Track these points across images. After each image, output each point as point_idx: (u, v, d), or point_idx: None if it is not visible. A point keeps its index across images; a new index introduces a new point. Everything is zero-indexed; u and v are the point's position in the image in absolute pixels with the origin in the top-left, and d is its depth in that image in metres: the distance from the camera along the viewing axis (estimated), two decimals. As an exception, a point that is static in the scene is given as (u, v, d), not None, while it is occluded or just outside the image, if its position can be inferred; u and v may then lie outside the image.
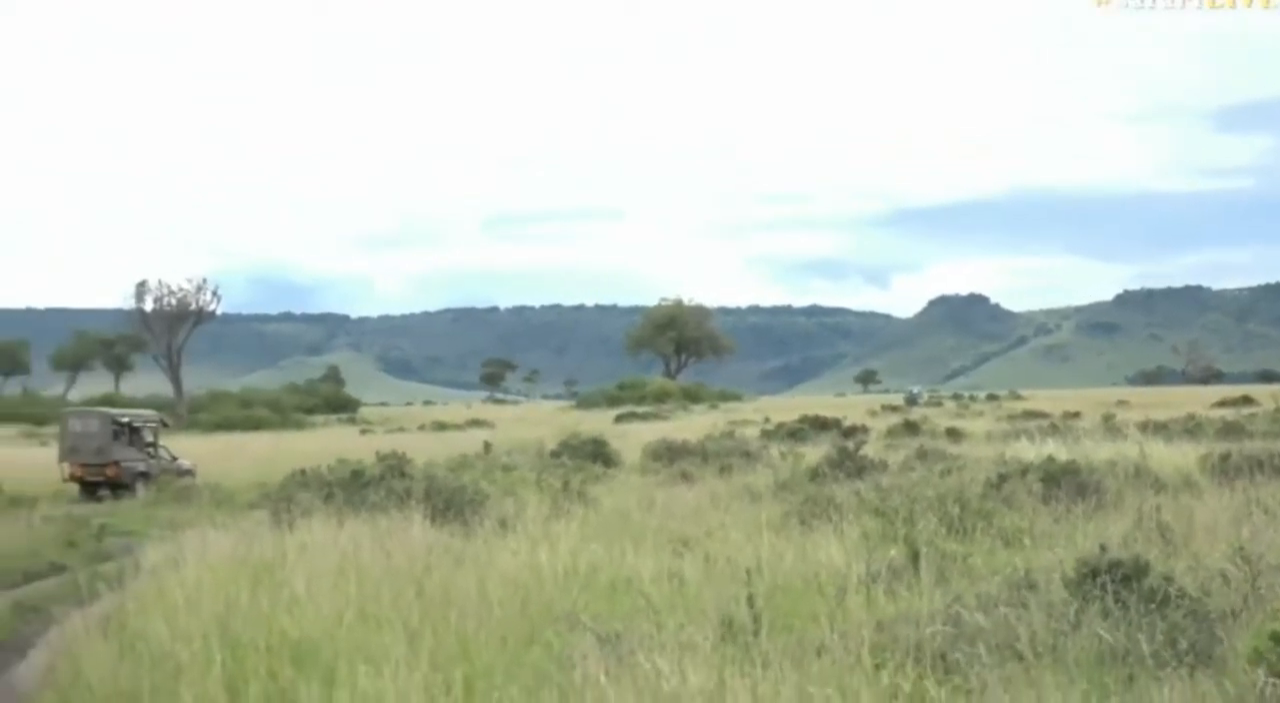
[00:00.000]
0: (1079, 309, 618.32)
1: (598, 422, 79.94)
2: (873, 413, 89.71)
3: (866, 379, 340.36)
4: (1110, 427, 50.08)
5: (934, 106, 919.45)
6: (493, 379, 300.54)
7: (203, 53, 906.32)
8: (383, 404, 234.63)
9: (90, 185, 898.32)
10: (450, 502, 22.15)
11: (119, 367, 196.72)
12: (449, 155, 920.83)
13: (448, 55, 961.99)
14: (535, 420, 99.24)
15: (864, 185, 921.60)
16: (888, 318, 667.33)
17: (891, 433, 54.75)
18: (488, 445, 48.85)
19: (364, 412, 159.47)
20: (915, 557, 14.13)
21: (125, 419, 45.65)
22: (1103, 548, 12.51)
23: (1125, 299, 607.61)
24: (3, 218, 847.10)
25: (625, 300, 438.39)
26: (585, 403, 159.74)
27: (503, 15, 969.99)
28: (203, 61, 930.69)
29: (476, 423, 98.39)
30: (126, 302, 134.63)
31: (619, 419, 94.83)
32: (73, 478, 42.15)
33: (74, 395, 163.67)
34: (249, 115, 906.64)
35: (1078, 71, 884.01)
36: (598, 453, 41.77)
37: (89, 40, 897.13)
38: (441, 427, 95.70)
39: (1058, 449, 29.55)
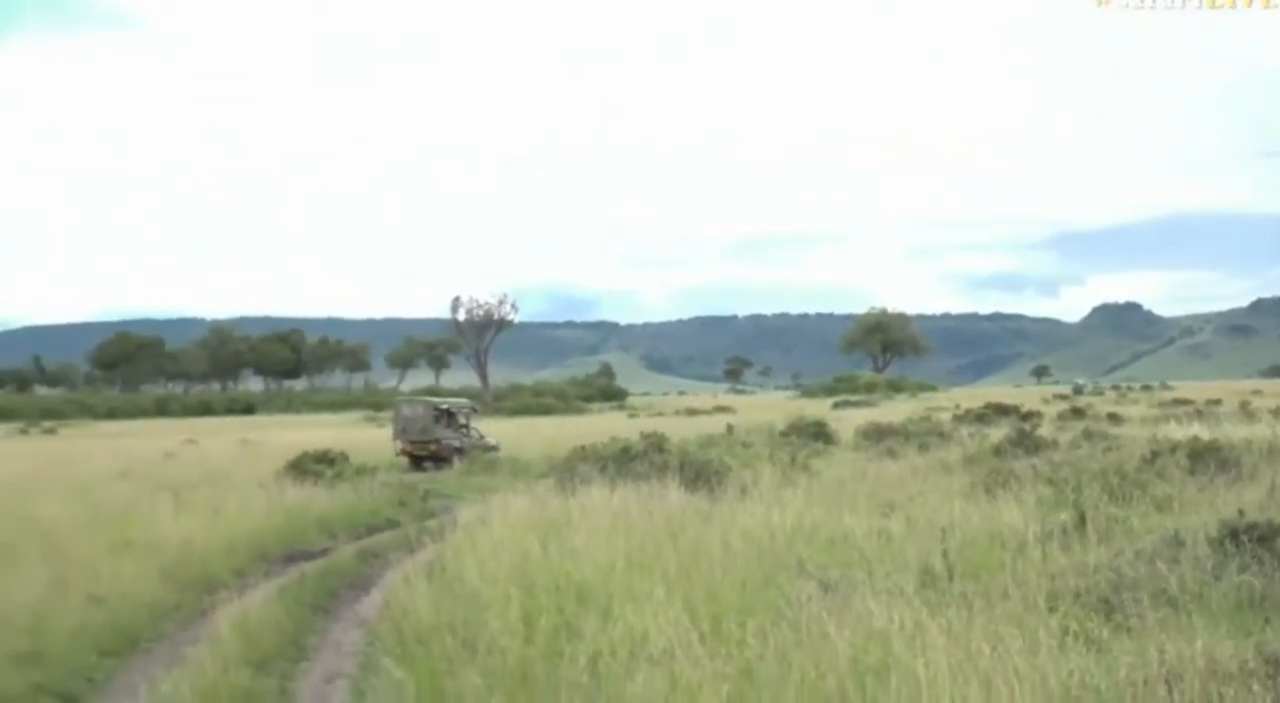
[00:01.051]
0: (1219, 314, 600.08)
1: (818, 408, 79.18)
2: (1045, 401, 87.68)
3: (1040, 373, 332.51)
4: (1247, 412, 48.40)
5: (1063, 126, 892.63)
6: (733, 374, 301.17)
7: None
8: (645, 394, 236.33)
9: (435, 211, 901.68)
10: (700, 473, 22.20)
11: (439, 364, 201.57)
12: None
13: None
14: (768, 407, 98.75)
15: (1030, 212, 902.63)
16: (1058, 322, 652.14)
17: (1061, 417, 53.45)
18: (730, 427, 48.65)
19: (630, 400, 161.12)
20: (1082, 519, 13.86)
21: (444, 406, 46.34)
22: (1241, 513, 12.21)
23: (1259, 305, 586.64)
24: (360, 244, 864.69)
25: (841, 309, 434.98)
26: (808, 393, 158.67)
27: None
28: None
29: (721, 409, 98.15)
30: (445, 313, 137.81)
31: (836, 406, 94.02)
32: (403, 453, 42.88)
33: (404, 387, 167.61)
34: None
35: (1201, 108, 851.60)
36: (819, 433, 41.53)
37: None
38: (692, 412, 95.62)
39: (1202, 430, 28.71)
